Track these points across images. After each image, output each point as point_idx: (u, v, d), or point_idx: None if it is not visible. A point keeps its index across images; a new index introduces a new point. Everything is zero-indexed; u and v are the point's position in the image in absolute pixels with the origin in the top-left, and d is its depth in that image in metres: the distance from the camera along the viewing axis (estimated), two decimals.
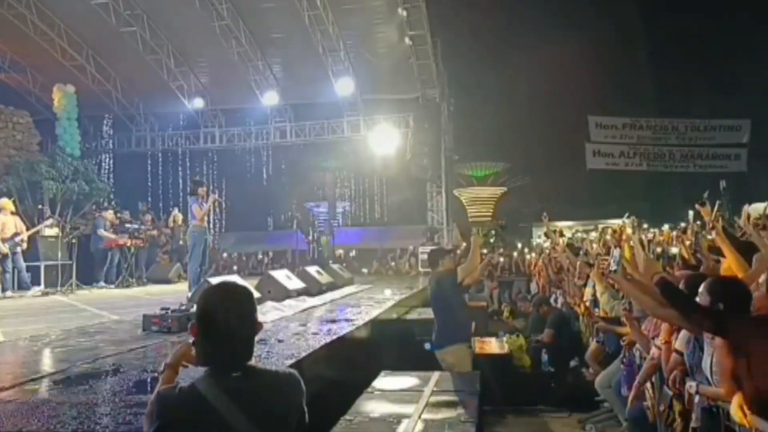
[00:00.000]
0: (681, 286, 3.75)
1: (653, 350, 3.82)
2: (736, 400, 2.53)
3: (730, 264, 3.64)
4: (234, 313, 1.81)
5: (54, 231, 11.04)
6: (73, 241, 10.63)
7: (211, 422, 1.71)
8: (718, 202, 3.96)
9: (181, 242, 13.19)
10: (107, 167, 20.46)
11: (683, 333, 3.36)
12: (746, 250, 3.68)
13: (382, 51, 16.81)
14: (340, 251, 19.61)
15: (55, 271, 10.33)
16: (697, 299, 3.09)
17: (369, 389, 4.31)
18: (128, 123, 20.12)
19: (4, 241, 9.58)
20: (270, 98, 18.07)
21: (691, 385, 3.07)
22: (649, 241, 7.74)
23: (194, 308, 6.17)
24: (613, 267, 5.56)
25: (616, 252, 5.81)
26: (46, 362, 4.13)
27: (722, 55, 22.26)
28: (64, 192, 13.99)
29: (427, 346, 5.77)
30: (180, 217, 13.48)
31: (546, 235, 10.57)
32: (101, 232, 11.40)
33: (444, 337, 5.34)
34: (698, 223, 6.50)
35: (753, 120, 22.71)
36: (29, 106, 16.65)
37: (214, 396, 1.73)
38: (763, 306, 2.88)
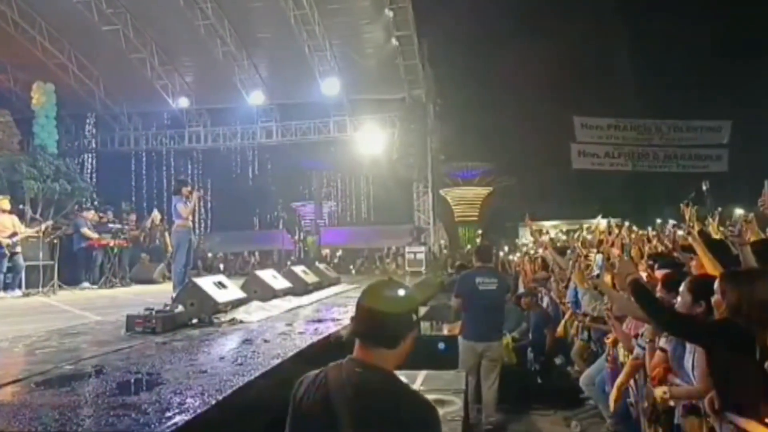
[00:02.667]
0: (659, 285, 3.80)
1: (636, 349, 3.86)
2: (709, 399, 2.58)
3: (704, 265, 3.68)
4: (364, 300, 1.83)
5: (36, 231, 10.87)
6: (55, 241, 10.47)
7: (321, 408, 1.74)
8: (695, 207, 3.99)
9: (158, 242, 13.10)
10: (90, 167, 20.20)
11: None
12: (719, 249, 3.71)
13: (368, 51, 16.80)
14: (327, 251, 19.59)
15: (37, 271, 10.16)
16: (678, 298, 3.14)
17: None
18: (111, 122, 19.90)
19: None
20: (256, 98, 17.99)
21: (665, 391, 3.09)
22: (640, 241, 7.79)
23: (179, 309, 6.09)
24: (596, 271, 5.62)
25: (598, 257, 5.86)
26: (28, 364, 4.06)
27: (704, 56, 22.59)
28: (45, 191, 13.79)
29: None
30: (158, 217, 13.37)
31: (532, 235, 10.65)
32: (85, 231, 11.25)
33: (497, 331, 5.95)
34: (675, 223, 6.60)
35: (733, 121, 23.12)
36: (10, 105, 16.40)
37: (335, 383, 1.75)
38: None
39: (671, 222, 6.81)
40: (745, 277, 2.64)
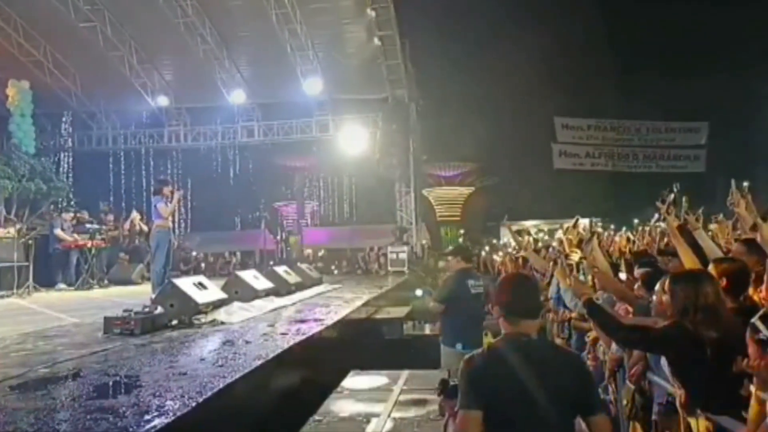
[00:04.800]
0: (637, 284, 3.86)
1: (613, 346, 3.90)
2: (679, 398, 2.62)
3: (683, 259, 3.72)
4: (518, 284, 2.46)
5: (9, 231, 10.63)
6: (30, 242, 10.25)
7: (511, 376, 2.13)
8: (672, 196, 4.04)
9: (137, 242, 12.95)
10: (66, 166, 19.80)
11: None
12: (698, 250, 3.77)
13: (351, 51, 16.77)
14: (309, 251, 19.50)
15: (11, 273, 9.92)
16: (653, 297, 3.19)
17: (338, 389, 4.31)
18: (89, 121, 19.56)
19: None
20: (237, 97, 17.84)
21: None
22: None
23: (158, 310, 6.03)
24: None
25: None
26: (2, 367, 3.97)
27: (681, 59, 23.03)
28: (20, 191, 13.48)
29: (459, 347, 5.39)
30: (138, 217, 13.20)
31: (513, 239, 10.70)
32: (58, 232, 11.05)
33: (481, 335, 5.47)
34: (657, 223, 6.68)
35: (710, 122, 23.60)
36: None
37: (512, 355, 2.17)
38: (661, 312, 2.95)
39: (656, 216, 6.84)
40: (692, 279, 2.68)
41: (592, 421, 2.19)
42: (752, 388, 2.09)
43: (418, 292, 9.81)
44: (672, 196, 3.92)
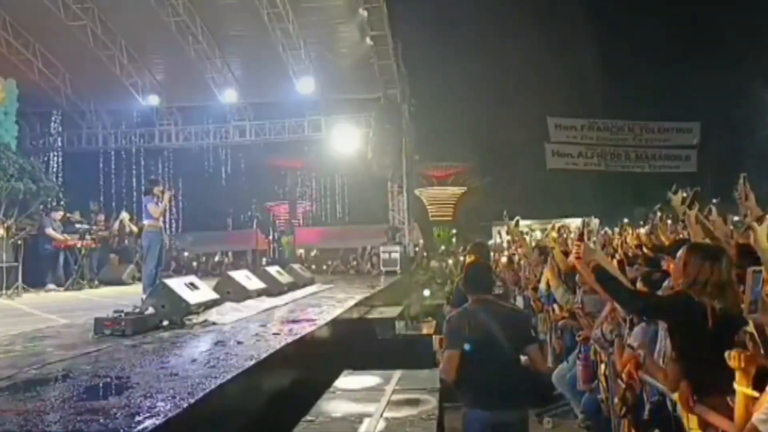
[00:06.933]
0: (639, 283, 3.88)
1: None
2: (681, 391, 2.63)
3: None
4: (477, 269, 3.81)
5: None
6: (19, 242, 10.17)
7: (484, 328, 3.26)
8: (688, 191, 4.10)
9: (126, 242, 12.88)
10: (56, 165, 19.64)
11: (637, 328, 3.47)
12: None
13: (343, 51, 16.75)
14: (301, 251, 19.47)
15: (0, 273, 9.84)
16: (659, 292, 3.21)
17: (331, 389, 4.30)
18: (78, 120, 19.40)
19: None
20: (229, 96, 17.76)
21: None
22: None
23: (149, 310, 5.99)
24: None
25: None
26: None
27: (674, 59, 23.21)
28: (8, 191, 13.35)
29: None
30: (127, 217, 13.13)
31: (509, 233, 10.68)
32: (50, 231, 10.96)
33: None
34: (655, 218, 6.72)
35: (702, 122, 23.78)
36: None
37: (483, 315, 3.32)
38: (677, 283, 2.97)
39: (657, 207, 6.82)
40: (711, 254, 2.70)
41: (530, 349, 3.42)
42: (738, 386, 2.10)
43: (426, 293, 9.78)
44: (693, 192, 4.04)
